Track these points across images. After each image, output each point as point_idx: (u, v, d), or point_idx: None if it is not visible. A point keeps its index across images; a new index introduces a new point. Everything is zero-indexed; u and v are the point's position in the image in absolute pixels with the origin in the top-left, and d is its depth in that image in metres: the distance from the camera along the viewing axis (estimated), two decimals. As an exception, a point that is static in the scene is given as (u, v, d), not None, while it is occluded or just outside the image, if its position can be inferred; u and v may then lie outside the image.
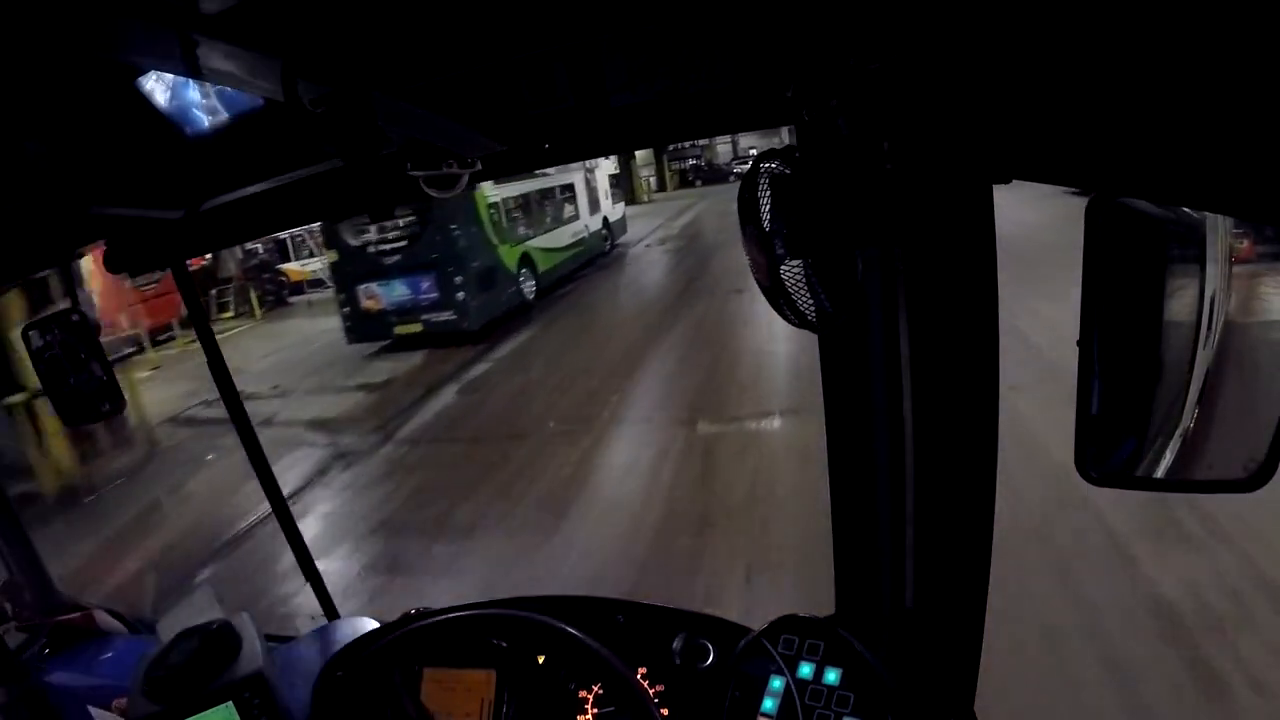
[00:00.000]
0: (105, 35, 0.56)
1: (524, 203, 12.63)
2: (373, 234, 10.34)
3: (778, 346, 7.31)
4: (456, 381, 8.61)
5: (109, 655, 1.68)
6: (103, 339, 1.43)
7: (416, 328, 10.32)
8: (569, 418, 6.63)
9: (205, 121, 0.87)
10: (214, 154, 0.96)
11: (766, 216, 0.83)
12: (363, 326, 10.59)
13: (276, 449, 6.59)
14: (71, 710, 1.56)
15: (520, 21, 0.73)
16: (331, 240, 11.00)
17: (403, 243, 10.38)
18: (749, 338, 8.23)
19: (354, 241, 10.41)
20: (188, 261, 1.60)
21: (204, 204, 1.22)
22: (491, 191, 11.24)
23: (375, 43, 0.71)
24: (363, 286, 10.43)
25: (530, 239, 12.50)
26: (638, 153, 25.26)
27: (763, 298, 0.86)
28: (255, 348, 12.15)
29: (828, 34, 0.76)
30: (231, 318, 15.60)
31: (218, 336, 1.64)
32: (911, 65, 0.72)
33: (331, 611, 1.88)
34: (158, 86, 0.85)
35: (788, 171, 0.82)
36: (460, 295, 10.25)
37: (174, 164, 1.02)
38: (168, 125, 0.86)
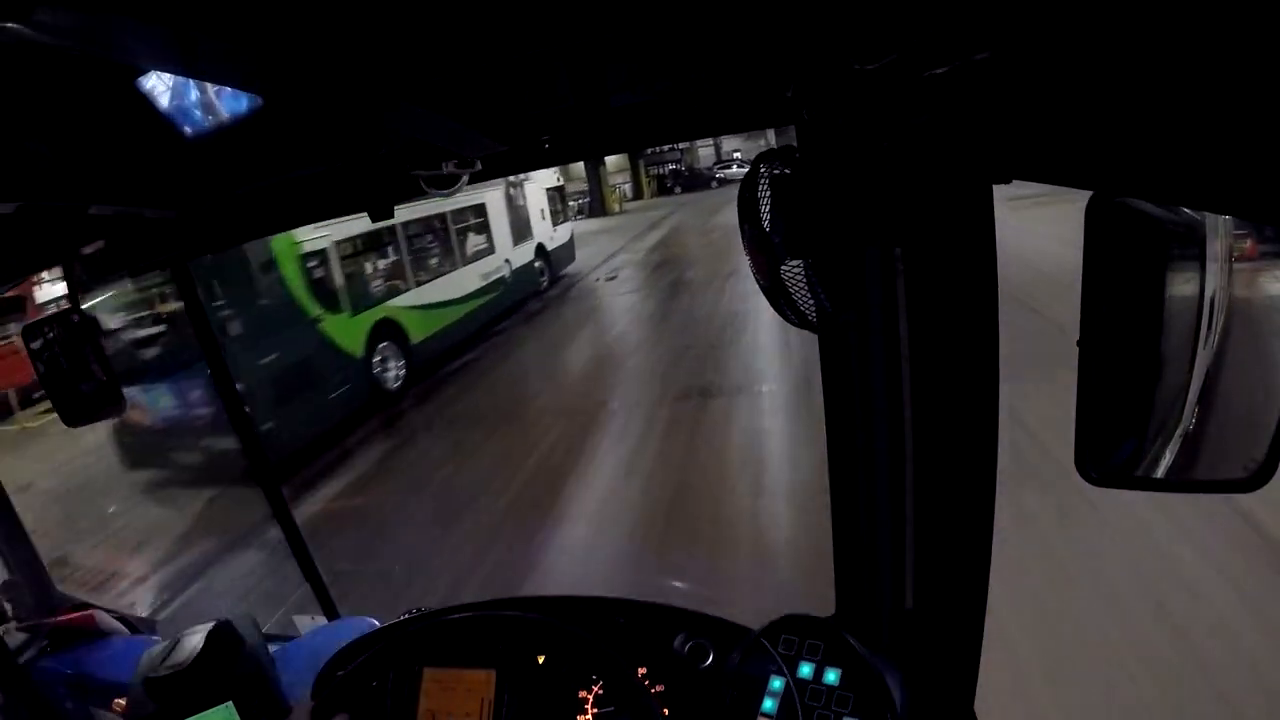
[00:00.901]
0: (104, 35, 0.56)
1: (383, 243, 8.43)
2: (125, 312, 6.40)
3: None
4: (168, 594, 4.61)
5: (109, 655, 1.68)
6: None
7: (195, 457, 6.39)
8: None
9: (205, 121, 0.87)
10: (214, 154, 0.96)
11: (766, 216, 0.84)
12: (136, 447, 6.54)
13: None
14: (72, 710, 1.56)
15: (521, 22, 0.73)
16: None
17: (160, 327, 6.34)
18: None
19: (110, 322, 6.32)
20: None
21: (204, 204, 1.22)
22: (313, 234, 6.91)
23: (375, 42, 0.71)
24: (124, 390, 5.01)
25: (397, 296, 8.49)
26: (609, 157, 22.10)
27: (756, 441, 0.79)
28: (59, 450, 7.47)
29: (828, 34, 0.76)
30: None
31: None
32: (911, 65, 0.72)
33: (331, 611, 1.89)
34: (158, 86, 0.85)
35: (788, 171, 0.82)
36: (249, 406, 5.89)
37: (174, 164, 1.02)
38: (168, 125, 0.86)
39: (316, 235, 7.04)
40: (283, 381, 6.51)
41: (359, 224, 7.53)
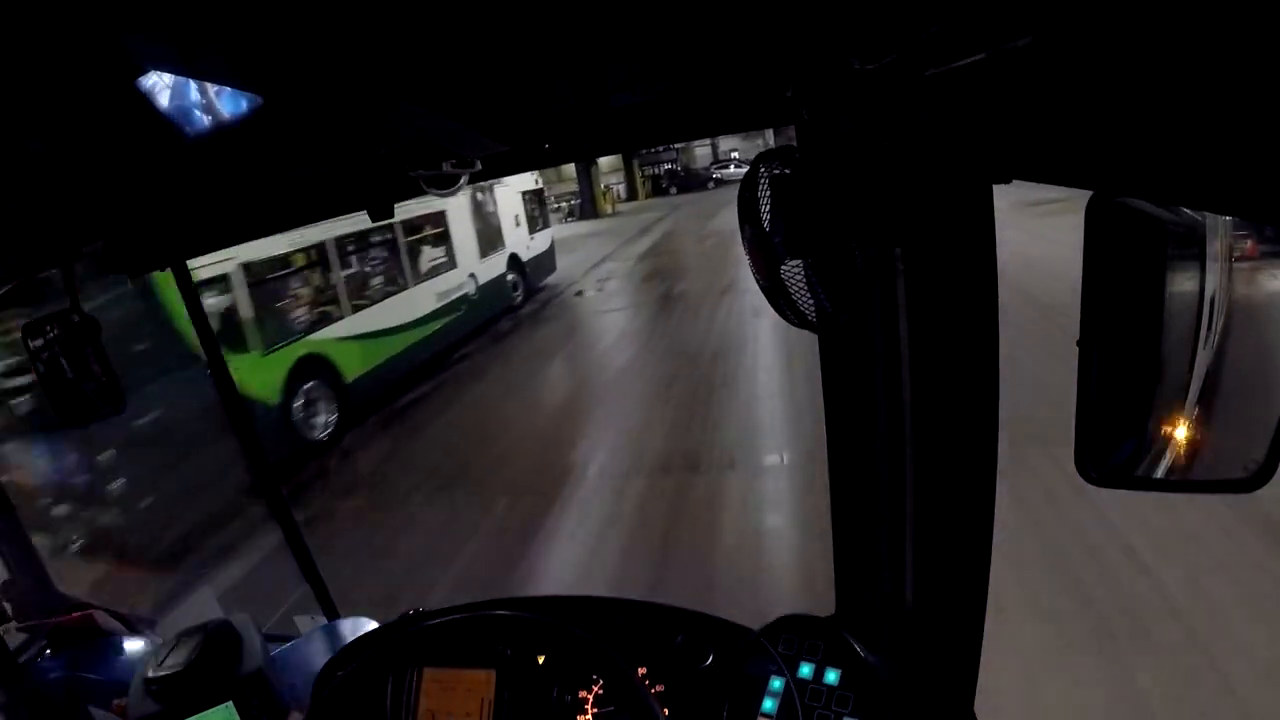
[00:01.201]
0: (105, 34, 0.56)
1: (308, 264, 7.19)
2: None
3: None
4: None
5: (109, 655, 1.68)
6: None
7: (77, 529, 5.25)
8: None
9: (205, 121, 0.87)
10: (214, 153, 0.95)
11: (766, 216, 0.84)
12: (30, 515, 4.46)
13: None
14: (71, 710, 1.55)
15: (521, 22, 0.73)
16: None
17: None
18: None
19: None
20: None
21: (204, 204, 1.22)
22: (212, 259, 5.69)
23: (375, 42, 0.71)
24: (6, 447, 5.03)
25: (328, 325, 7.23)
26: (602, 158, 21.12)
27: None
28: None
29: (828, 34, 0.76)
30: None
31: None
32: (912, 65, 0.72)
33: (331, 611, 1.89)
34: (158, 86, 0.85)
35: (788, 171, 0.82)
36: (123, 479, 5.17)
37: (174, 163, 1.02)
38: (168, 125, 0.86)
39: (217, 260, 5.89)
40: (161, 443, 5.12)
41: (278, 243, 6.68)
